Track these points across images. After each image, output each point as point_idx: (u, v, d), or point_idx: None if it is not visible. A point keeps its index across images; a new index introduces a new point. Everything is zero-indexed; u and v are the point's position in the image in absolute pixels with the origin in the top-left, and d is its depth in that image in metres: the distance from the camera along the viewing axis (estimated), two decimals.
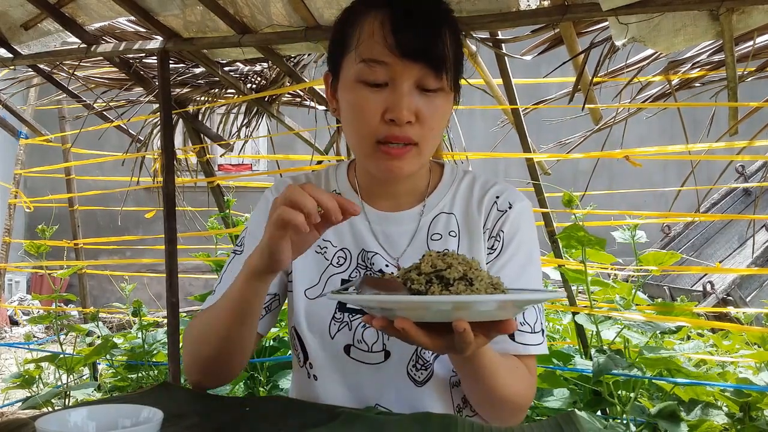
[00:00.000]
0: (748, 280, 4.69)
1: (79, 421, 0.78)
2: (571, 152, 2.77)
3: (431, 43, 0.98)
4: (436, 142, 1.06)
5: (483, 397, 1.01)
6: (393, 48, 0.97)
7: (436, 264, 0.84)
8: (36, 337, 5.45)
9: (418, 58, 0.98)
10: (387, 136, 1.00)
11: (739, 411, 2.11)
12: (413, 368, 1.07)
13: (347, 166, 1.19)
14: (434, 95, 1.01)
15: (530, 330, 1.06)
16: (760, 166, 5.04)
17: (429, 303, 0.78)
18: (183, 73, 2.89)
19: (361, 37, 1.00)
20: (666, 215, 5.06)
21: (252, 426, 0.89)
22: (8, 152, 3.92)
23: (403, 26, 0.98)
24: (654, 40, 1.83)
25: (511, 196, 1.13)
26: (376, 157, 1.03)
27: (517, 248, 1.10)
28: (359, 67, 1.00)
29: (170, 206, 2.47)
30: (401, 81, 0.98)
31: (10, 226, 4.19)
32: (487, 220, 1.12)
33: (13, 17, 2.43)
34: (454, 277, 0.82)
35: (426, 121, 1.00)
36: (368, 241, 1.11)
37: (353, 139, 1.06)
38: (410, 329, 0.79)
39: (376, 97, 1.00)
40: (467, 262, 0.85)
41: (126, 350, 3.06)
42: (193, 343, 1.07)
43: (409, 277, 0.84)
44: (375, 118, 1.00)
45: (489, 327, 0.81)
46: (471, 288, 0.81)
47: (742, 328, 2.60)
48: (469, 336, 0.78)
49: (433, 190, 1.15)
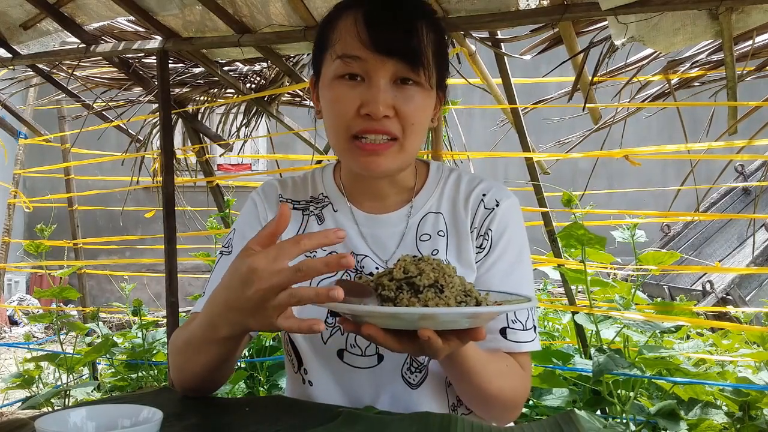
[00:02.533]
0: (747, 280, 4.68)
1: (78, 421, 0.77)
2: (570, 152, 2.77)
3: (405, 38, 0.98)
4: (419, 138, 1.05)
5: (473, 395, 1.01)
6: (366, 43, 0.98)
7: (408, 269, 0.85)
8: (35, 337, 5.46)
9: (392, 52, 0.98)
10: (362, 130, 1.00)
11: (739, 410, 2.11)
12: (407, 371, 1.06)
13: (333, 168, 1.19)
14: (412, 90, 1.00)
15: (522, 327, 1.06)
16: (760, 165, 5.05)
17: (392, 314, 0.79)
18: (182, 72, 2.89)
19: (338, 36, 1.02)
20: (665, 214, 5.05)
21: (252, 426, 0.89)
22: (8, 152, 3.91)
23: (377, 22, 0.99)
24: (653, 39, 1.83)
25: (497, 193, 1.13)
26: (352, 152, 1.02)
27: (506, 246, 1.10)
28: (336, 64, 1.01)
29: (170, 206, 2.47)
30: (377, 76, 0.99)
31: (9, 226, 4.18)
32: (474, 218, 1.11)
33: (12, 17, 2.43)
34: (424, 284, 0.83)
35: (405, 115, 1.00)
36: (357, 244, 1.10)
37: (331, 135, 1.05)
38: (377, 335, 0.80)
39: (352, 92, 1.00)
40: (441, 268, 0.85)
41: (126, 350, 3.06)
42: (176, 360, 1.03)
43: (381, 282, 0.85)
44: (350, 112, 1.00)
45: (461, 332, 0.82)
46: (440, 296, 0.82)
47: (742, 327, 2.60)
48: (435, 343, 0.79)
49: (420, 189, 1.14)
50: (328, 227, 1.12)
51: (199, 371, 0.97)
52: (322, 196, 1.16)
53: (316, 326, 0.78)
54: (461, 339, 0.83)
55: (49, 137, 3.70)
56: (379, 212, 1.12)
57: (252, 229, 1.13)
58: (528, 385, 1.08)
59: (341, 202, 1.14)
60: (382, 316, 0.80)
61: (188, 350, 0.97)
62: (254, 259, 0.80)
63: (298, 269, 0.78)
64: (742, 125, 1.93)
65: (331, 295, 0.75)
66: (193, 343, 0.95)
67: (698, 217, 4.50)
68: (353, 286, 0.85)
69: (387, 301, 0.83)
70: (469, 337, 0.83)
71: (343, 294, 0.76)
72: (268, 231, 0.83)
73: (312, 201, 1.16)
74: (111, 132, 3.29)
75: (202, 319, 0.91)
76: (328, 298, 0.76)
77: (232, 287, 0.82)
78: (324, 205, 1.15)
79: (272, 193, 1.16)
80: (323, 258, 0.78)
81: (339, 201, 1.14)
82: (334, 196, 1.15)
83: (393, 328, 0.81)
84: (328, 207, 1.14)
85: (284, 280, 0.78)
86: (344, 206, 1.13)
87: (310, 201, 1.16)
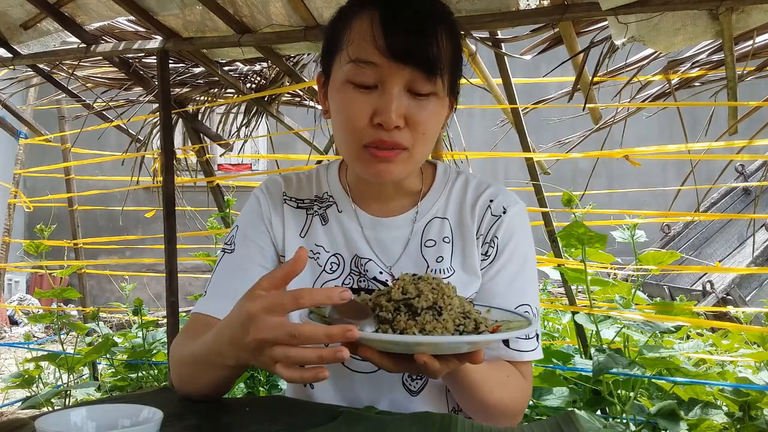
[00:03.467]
0: (747, 280, 4.68)
1: (78, 420, 0.77)
2: (570, 152, 2.77)
3: (423, 45, 0.93)
4: (429, 147, 1.02)
5: (474, 405, 1.00)
6: (382, 49, 0.93)
7: (407, 290, 0.84)
8: (36, 337, 5.45)
9: (409, 60, 0.93)
10: (374, 141, 0.96)
11: (739, 410, 2.10)
12: (408, 378, 1.06)
13: (338, 166, 1.16)
14: (426, 100, 0.97)
15: (524, 336, 1.05)
16: (760, 165, 5.04)
17: (386, 340, 0.79)
18: (182, 72, 2.89)
19: (351, 37, 0.97)
20: (665, 214, 5.06)
21: (252, 426, 0.89)
22: (8, 152, 3.91)
23: (394, 26, 0.94)
24: (653, 39, 1.83)
25: (505, 199, 1.10)
26: (363, 160, 0.99)
27: (512, 254, 1.08)
28: (348, 67, 0.96)
29: (170, 206, 2.47)
30: (390, 84, 0.94)
31: (9, 225, 4.18)
32: (481, 225, 1.09)
33: (13, 17, 2.43)
34: (422, 306, 0.82)
35: (416, 126, 0.96)
36: (361, 247, 1.08)
37: (341, 141, 1.02)
38: (373, 357, 0.80)
39: (364, 99, 0.96)
40: (440, 289, 0.84)
41: (126, 349, 3.06)
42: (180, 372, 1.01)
43: (379, 303, 0.84)
44: (362, 120, 0.96)
45: (460, 354, 0.81)
46: (438, 319, 0.81)
47: (742, 327, 2.60)
48: (432, 366, 0.79)
49: (426, 193, 1.12)
50: (332, 228, 1.11)
51: (203, 387, 0.97)
52: (327, 195, 1.13)
53: (321, 374, 0.76)
54: (459, 360, 0.82)
55: (49, 137, 3.71)
56: (385, 215, 1.10)
57: (255, 228, 1.11)
58: (529, 394, 1.07)
59: (346, 203, 1.12)
60: (377, 342, 0.79)
61: (194, 368, 0.95)
62: (253, 305, 0.78)
63: (293, 336, 0.75)
64: (742, 125, 1.93)
65: (338, 356, 0.74)
66: (199, 362, 0.93)
67: (698, 217, 4.50)
68: (351, 306, 0.84)
69: (384, 323, 0.82)
70: (467, 360, 0.82)
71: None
72: (282, 272, 0.81)
73: (316, 200, 1.14)
74: (111, 132, 3.29)
75: (209, 345, 0.89)
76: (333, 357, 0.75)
77: (235, 327, 0.82)
78: (328, 205, 1.13)
79: (276, 191, 1.14)
80: (324, 332, 0.76)
81: (344, 202, 1.12)
82: (339, 197, 1.13)
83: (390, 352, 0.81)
84: (333, 207, 1.12)
85: (279, 337, 0.76)
86: (349, 208, 1.11)
87: (315, 200, 1.14)
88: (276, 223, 1.12)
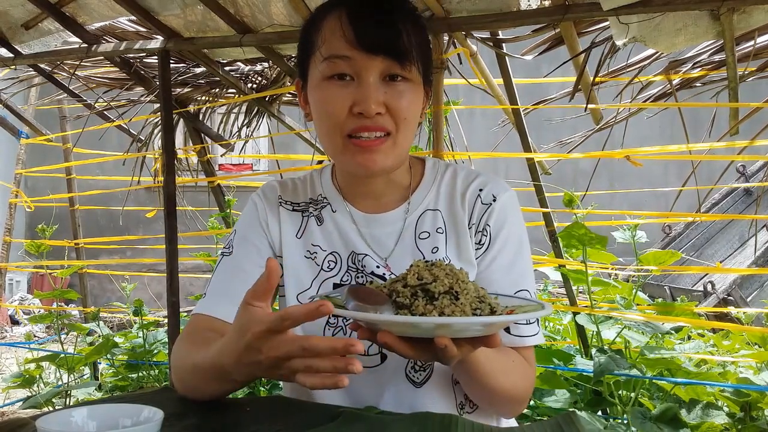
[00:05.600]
0: (748, 280, 4.68)
1: (79, 420, 0.77)
2: (571, 152, 2.77)
3: (392, 35, 0.99)
4: (411, 133, 1.06)
5: (480, 393, 1.02)
6: (353, 42, 0.98)
7: (422, 275, 0.85)
8: (36, 337, 5.46)
9: (380, 50, 0.98)
10: (356, 128, 1.00)
11: (740, 411, 2.10)
12: (412, 370, 1.06)
13: (331, 169, 1.19)
14: (402, 85, 1.01)
15: (525, 321, 1.07)
16: (761, 165, 5.04)
17: (410, 323, 0.79)
18: (184, 72, 2.89)
19: (323, 37, 1.02)
20: (667, 215, 5.05)
21: (252, 426, 0.89)
22: (9, 152, 3.91)
23: (362, 20, 0.99)
24: (655, 39, 1.83)
25: (494, 188, 1.12)
26: (347, 152, 1.03)
27: (505, 241, 1.10)
28: (324, 65, 1.01)
29: (171, 206, 2.47)
30: (366, 74, 0.99)
31: (10, 225, 4.19)
32: (472, 215, 1.11)
33: (14, 17, 2.43)
34: (439, 291, 0.82)
35: (397, 111, 1.00)
36: (357, 244, 1.11)
37: (324, 136, 1.05)
38: (393, 343, 0.80)
39: (343, 92, 1.00)
40: (454, 274, 0.85)
41: (127, 350, 3.06)
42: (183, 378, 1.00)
43: (395, 289, 0.84)
44: (342, 112, 1.00)
45: (474, 339, 0.82)
46: (456, 303, 0.81)
47: (743, 328, 2.60)
48: (451, 351, 0.79)
49: (416, 187, 1.14)
50: (327, 228, 1.13)
51: (208, 396, 0.97)
52: (321, 197, 1.16)
53: (341, 382, 0.77)
54: (473, 345, 0.83)
55: (50, 137, 3.71)
56: (377, 211, 1.13)
57: (252, 231, 1.14)
58: (533, 379, 1.09)
59: (339, 202, 1.14)
60: (400, 325, 0.79)
61: (198, 377, 0.95)
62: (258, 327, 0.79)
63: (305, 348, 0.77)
64: (743, 126, 1.93)
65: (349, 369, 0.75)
66: (205, 376, 0.93)
67: (700, 218, 4.50)
68: (366, 293, 0.85)
69: (402, 308, 0.82)
70: (483, 344, 0.82)
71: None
72: (261, 288, 0.81)
73: (311, 202, 1.17)
74: (112, 132, 3.29)
75: (214, 359, 0.88)
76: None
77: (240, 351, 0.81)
78: (323, 206, 1.16)
79: (272, 195, 1.17)
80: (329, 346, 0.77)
81: (337, 202, 1.15)
82: (333, 197, 1.15)
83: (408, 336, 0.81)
84: (327, 208, 1.15)
85: (292, 351, 0.77)
86: (342, 207, 1.14)
87: (309, 202, 1.17)
88: (273, 225, 1.15)
